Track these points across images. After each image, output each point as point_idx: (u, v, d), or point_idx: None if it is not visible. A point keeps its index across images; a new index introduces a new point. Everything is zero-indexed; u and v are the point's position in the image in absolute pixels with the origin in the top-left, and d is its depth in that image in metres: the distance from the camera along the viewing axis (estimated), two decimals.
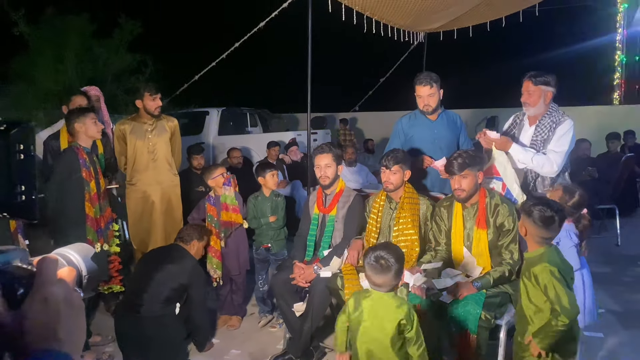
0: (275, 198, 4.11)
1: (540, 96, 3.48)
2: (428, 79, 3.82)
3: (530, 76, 3.51)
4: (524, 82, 3.54)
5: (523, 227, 2.50)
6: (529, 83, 3.50)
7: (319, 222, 3.71)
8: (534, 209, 2.44)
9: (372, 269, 2.42)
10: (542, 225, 2.42)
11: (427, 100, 3.85)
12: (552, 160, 3.43)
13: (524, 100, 3.54)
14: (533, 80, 3.49)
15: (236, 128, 10.42)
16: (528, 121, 3.63)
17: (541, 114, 3.54)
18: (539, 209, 2.43)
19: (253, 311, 4.35)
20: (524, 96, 3.54)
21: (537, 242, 2.47)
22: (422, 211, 3.40)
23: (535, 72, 3.52)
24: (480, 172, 3.16)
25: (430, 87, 3.82)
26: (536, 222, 2.43)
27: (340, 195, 3.68)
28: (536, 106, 3.50)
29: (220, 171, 4.08)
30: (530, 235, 2.48)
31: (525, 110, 3.60)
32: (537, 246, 2.47)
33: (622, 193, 6.78)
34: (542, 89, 3.48)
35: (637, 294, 4.62)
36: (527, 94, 3.52)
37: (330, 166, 3.62)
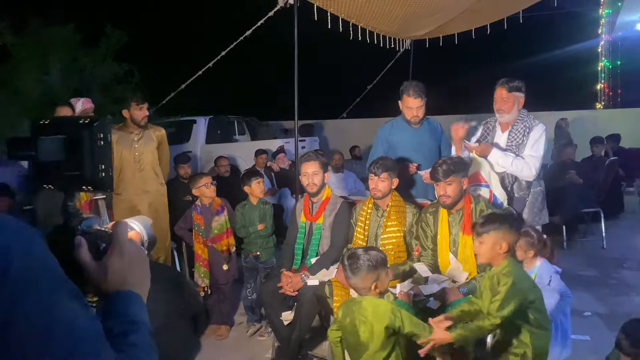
0: (262, 206, 4.11)
1: (514, 103, 3.53)
2: (419, 92, 3.86)
3: (504, 83, 3.55)
4: (496, 89, 3.59)
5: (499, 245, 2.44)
6: (503, 90, 3.55)
7: (306, 230, 3.71)
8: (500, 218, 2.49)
9: (343, 269, 2.46)
10: (515, 228, 2.49)
11: (416, 112, 3.90)
12: (530, 165, 3.48)
13: (498, 107, 3.58)
14: (507, 87, 3.53)
15: (224, 136, 10.41)
16: (500, 127, 3.68)
17: (513, 120, 3.59)
18: (504, 215, 2.54)
19: (241, 320, 4.34)
20: (497, 103, 3.58)
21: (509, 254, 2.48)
22: (408, 219, 3.42)
23: (507, 78, 3.57)
24: (465, 178, 3.19)
25: (421, 100, 3.87)
26: (512, 227, 2.47)
27: (327, 202, 3.69)
28: (510, 113, 3.55)
29: (205, 181, 4.07)
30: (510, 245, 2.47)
31: (499, 117, 3.64)
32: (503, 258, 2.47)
33: (607, 196, 6.87)
34: (515, 95, 3.53)
35: (623, 296, 4.67)
36: (501, 101, 3.56)
37: (317, 174, 3.63)
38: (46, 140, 0.91)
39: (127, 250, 0.93)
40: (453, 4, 6.27)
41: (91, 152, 0.93)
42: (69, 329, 0.69)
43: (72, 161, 0.92)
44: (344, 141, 12.00)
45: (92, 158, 0.94)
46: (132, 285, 0.91)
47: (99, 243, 0.94)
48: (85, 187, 0.96)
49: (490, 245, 2.45)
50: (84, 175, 0.93)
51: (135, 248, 0.96)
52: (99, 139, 0.94)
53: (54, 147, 0.92)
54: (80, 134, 0.93)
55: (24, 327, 0.65)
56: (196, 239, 4.07)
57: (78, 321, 0.71)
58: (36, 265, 0.70)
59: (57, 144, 0.92)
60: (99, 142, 0.94)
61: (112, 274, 0.89)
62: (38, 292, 0.68)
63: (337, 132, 13.37)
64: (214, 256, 4.06)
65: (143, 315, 0.88)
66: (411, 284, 3.16)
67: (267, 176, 7.41)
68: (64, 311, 0.70)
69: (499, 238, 2.44)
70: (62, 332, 0.68)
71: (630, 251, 6.05)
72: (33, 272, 0.68)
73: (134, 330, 0.83)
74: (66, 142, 0.92)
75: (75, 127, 0.93)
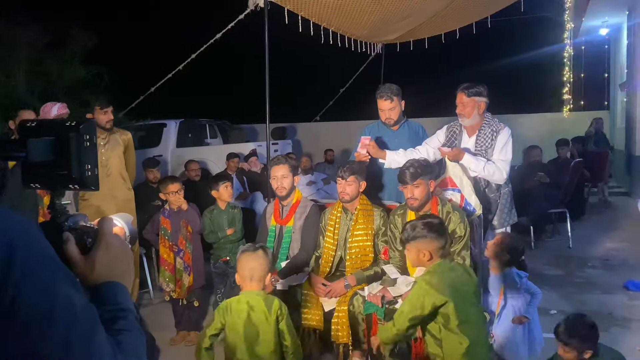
0: (231, 210, 4.08)
1: (474, 107, 3.60)
2: (389, 93, 3.88)
3: (463, 88, 3.63)
4: (457, 94, 3.66)
5: (422, 253, 2.44)
6: (463, 95, 3.62)
7: (276, 234, 3.70)
8: (421, 227, 2.47)
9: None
10: (437, 235, 2.46)
11: (388, 114, 3.93)
12: (501, 169, 3.55)
13: (459, 112, 3.66)
14: (466, 92, 3.60)
15: (195, 140, 10.30)
16: (466, 132, 3.74)
17: (478, 124, 3.65)
18: (426, 223, 2.49)
19: None
20: (458, 108, 3.66)
21: (438, 256, 2.47)
22: (376, 222, 3.44)
23: (467, 84, 3.64)
24: (432, 180, 3.23)
25: (391, 102, 3.90)
26: (434, 235, 2.45)
27: (297, 206, 3.68)
28: (471, 117, 3.62)
29: (172, 188, 4.00)
30: (433, 253, 2.45)
31: (461, 121, 3.71)
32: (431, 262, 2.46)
33: (572, 197, 7.03)
34: (475, 100, 3.60)
35: (588, 294, 4.79)
36: (461, 106, 3.63)
37: (286, 177, 3.63)
38: (36, 142, 0.95)
39: (113, 245, 0.99)
40: (422, 10, 6.36)
41: (78, 152, 0.98)
42: (67, 313, 0.73)
43: (60, 161, 0.97)
44: (317, 144, 12.01)
45: (79, 158, 0.98)
46: (118, 277, 0.96)
47: (85, 238, 0.99)
48: (72, 185, 1.00)
49: (415, 254, 2.48)
50: (71, 174, 0.98)
51: (119, 242, 1.02)
52: (85, 140, 0.99)
53: (43, 148, 0.96)
54: (68, 136, 0.97)
55: (28, 314, 0.69)
56: (162, 242, 4.01)
57: (75, 307, 0.75)
58: (38, 253, 0.74)
59: (47, 145, 0.96)
60: (85, 143, 0.99)
61: (99, 266, 0.95)
62: (41, 279, 0.72)
63: (310, 135, 13.37)
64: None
65: (129, 303, 0.95)
66: (380, 286, 3.18)
67: (239, 180, 7.36)
68: (63, 297, 0.74)
69: (421, 247, 2.45)
70: (61, 317, 0.72)
71: (595, 250, 6.21)
72: (35, 261, 0.73)
73: (123, 316, 0.90)
74: (55, 144, 0.97)
75: (63, 129, 0.98)
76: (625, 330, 4.02)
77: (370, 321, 3.09)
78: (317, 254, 3.57)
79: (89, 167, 1.00)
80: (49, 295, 0.72)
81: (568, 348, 2.37)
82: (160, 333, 4.15)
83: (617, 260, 5.84)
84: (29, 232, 0.75)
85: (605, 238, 6.76)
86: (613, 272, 5.43)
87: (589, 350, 2.34)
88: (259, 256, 2.57)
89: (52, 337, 0.71)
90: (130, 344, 0.86)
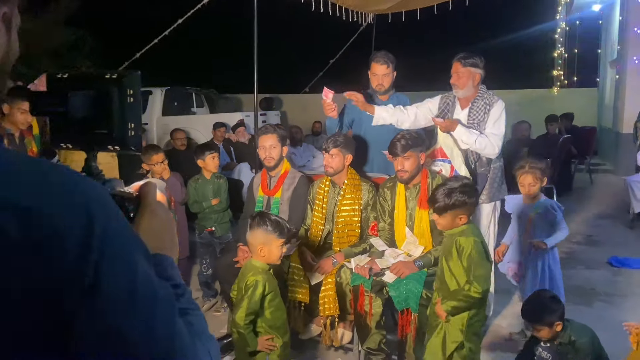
0: (216, 180, 4.00)
1: (469, 78, 3.52)
2: (385, 58, 3.80)
3: (460, 58, 3.54)
4: (453, 63, 3.58)
5: (459, 218, 2.51)
6: (458, 65, 3.54)
7: (263, 205, 3.64)
8: (460, 194, 2.48)
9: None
10: (474, 197, 2.56)
11: (381, 80, 3.84)
12: (493, 143, 3.50)
13: (453, 82, 3.58)
14: (462, 62, 3.52)
15: (181, 108, 10.13)
16: (459, 103, 3.67)
17: (471, 96, 3.59)
18: (462, 187, 2.51)
19: (197, 296, 4.26)
20: (453, 78, 3.58)
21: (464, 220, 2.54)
22: (364, 196, 3.40)
23: (464, 53, 3.56)
24: (423, 153, 3.18)
25: (387, 67, 3.81)
26: (472, 199, 2.52)
27: (285, 177, 3.62)
28: (465, 88, 3.55)
29: (157, 158, 3.89)
30: (469, 215, 2.53)
31: (455, 92, 3.63)
32: (461, 224, 2.53)
33: (559, 173, 7.05)
34: (470, 70, 3.52)
35: (572, 270, 4.83)
36: (456, 76, 3.56)
37: (274, 147, 3.55)
38: (78, 95, 0.86)
39: (158, 213, 0.88)
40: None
41: (121, 109, 0.89)
42: (149, 291, 0.65)
43: (100, 118, 0.88)
44: (305, 116, 11.88)
45: (122, 116, 0.89)
46: (166, 249, 0.86)
47: (127, 205, 0.87)
48: (112, 146, 0.91)
49: (451, 219, 2.53)
50: (112, 133, 0.89)
51: (164, 211, 0.91)
52: (128, 95, 0.89)
53: (84, 103, 0.87)
54: (109, 90, 0.88)
55: (110, 291, 0.61)
56: None
57: (154, 284, 0.67)
58: (115, 224, 0.64)
59: (88, 99, 0.87)
60: (128, 99, 0.89)
61: (146, 237, 0.81)
62: (121, 252, 0.64)
63: (299, 107, 13.21)
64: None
65: (180, 278, 0.85)
66: (367, 258, 3.16)
67: (226, 150, 7.27)
68: (142, 273, 0.66)
69: (459, 213, 2.51)
70: (144, 295, 0.64)
71: (579, 226, 6.26)
72: (114, 231, 0.63)
73: (181, 293, 0.80)
74: (97, 98, 0.88)
75: (104, 83, 0.88)
76: (608, 306, 4.07)
77: (357, 292, 3.07)
78: (305, 226, 3.53)
79: (132, 127, 0.91)
80: (131, 270, 0.64)
81: (539, 326, 2.42)
82: None
83: (601, 237, 5.90)
84: (104, 196, 0.66)
85: (590, 214, 6.82)
86: (597, 248, 5.49)
87: (558, 321, 2.39)
88: (253, 228, 2.54)
89: (135, 316, 0.63)
90: (200, 324, 0.77)
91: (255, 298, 2.43)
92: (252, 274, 2.47)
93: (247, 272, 2.50)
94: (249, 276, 2.46)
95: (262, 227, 2.50)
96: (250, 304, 2.41)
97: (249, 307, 2.41)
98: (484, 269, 2.45)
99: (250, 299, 2.41)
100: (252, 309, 2.42)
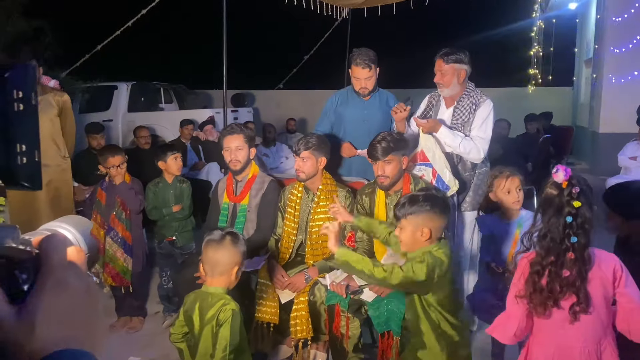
0: (179, 184, 3.63)
1: (453, 75, 3.26)
2: (366, 60, 3.47)
3: (442, 54, 3.27)
4: (436, 61, 3.31)
5: (420, 231, 2.05)
6: (441, 62, 3.27)
7: (229, 212, 3.30)
8: (423, 201, 2.07)
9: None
10: (441, 211, 2.09)
11: (364, 83, 3.53)
12: (479, 147, 3.24)
13: (437, 80, 3.30)
14: (445, 59, 3.25)
15: (148, 104, 9.68)
16: (444, 102, 3.40)
17: (457, 94, 3.32)
18: (429, 195, 2.10)
19: (157, 310, 3.90)
20: (437, 76, 3.31)
21: (437, 237, 2.11)
22: (341, 204, 3.07)
23: (447, 49, 3.29)
24: (405, 157, 2.89)
25: (369, 70, 3.50)
26: (437, 210, 2.08)
27: (253, 181, 3.29)
28: (450, 86, 3.28)
29: (114, 161, 3.48)
30: (433, 232, 2.08)
31: (440, 91, 3.37)
32: (430, 242, 2.09)
33: (539, 174, 6.88)
34: (455, 67, 3.25)
35: None
36: (439, 74, 3.29)
37: (241, 149, 3.22)
38: None
39: (67, 283, 0.57)
40: None
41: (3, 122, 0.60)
42: None
43: None
44: (278, 113, 11.54)
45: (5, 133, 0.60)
46: (78, 340, 0.55)
47: (17, 275, 0.55)
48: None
49: (410, 232, 2.08)
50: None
51: (79, 278, 0.59)
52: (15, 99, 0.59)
53: None
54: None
55: None
56: (94, 217, 3.52)
57: None
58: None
59: None
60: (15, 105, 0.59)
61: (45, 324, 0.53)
62: None
63: (272, 104, 12.86)
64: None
65: None
66: (344, 274, 2.85)
67: (194, 149, 6.89)
68: None
69: (421, 224, 2.06)
70: None
71: None
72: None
73: None
74: None
75: None
76: None
77: (333, 313, 2.76)
78: (275, 236, 3.20)
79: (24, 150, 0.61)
80: None
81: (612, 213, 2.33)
82: None
83: None
84: None
85: None
86: None
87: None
88: (225, 246, 2.12)
89: None
90: None
91: (236, 330, 2.02)
92: (222, 303, 2.05)
93: (209, 304, 2.07)
94: (220, 306, 2.03)
95: (240, 248, 2.12)
96: (232, 339, 1.99)
97: (231, 343, 1.99)
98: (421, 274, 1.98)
99: (232, 333, 2.00)
100: (234, 344, 2.00)
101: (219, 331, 2.00)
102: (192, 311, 2.13)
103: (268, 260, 3.03)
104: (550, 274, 1.77)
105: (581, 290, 1.73)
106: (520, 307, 1.84)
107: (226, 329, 1.99)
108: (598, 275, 1.77)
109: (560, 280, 1.75)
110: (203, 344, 2.04)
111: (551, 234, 1.78)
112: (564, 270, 1.76)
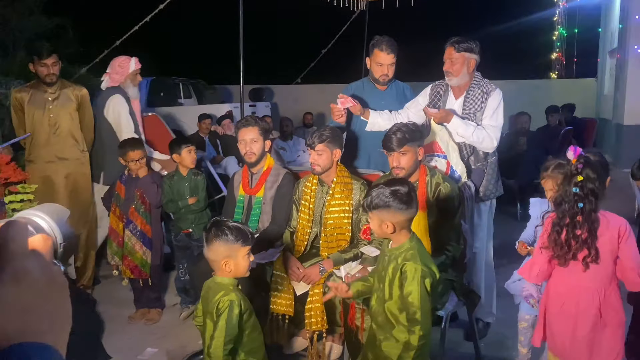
0: (193, 177, 3.65)
1: (463, 64, 3.19)
2: (393, 47, 3.44)
3: (453, 42, 3.21)
4: (446, 49, 3.24)
5: (385, 224, 2.09)
6: (452, 50, 3.20)
7: (244, 205, 3.31)
8: (387, 196, 2.08)
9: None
10: (405, 206, 2.08)
11: (387, 70, 3.50)
12: (491, 136, 3.19)
13: (447, 69, 3.24)
14: (456, 47, 3.19)
15: (167, 99, 9.77)
16: (453, 92, 3.34)
17: (466, 84, 3.26)
18: (393, 191, 2.08)
19: (175, 302, 3.94)
20: (446, 65, 3.24)
21: (404, 231, 2.12)
22: (355, 196, 3.06)
23: (457, 37, 3.23)
24: (421, 148, 2.85)
25: (393, 56, 3.47)
26: (400, 206, 2.07)
27: (268, 174, 3.29)
28: (460, 75, 3.22)
29: (134, 155, 3.52)
30: (397, 225, 2.09)
31: (448, 80, 3.30)
32: (403, 236, 2.13)
33: None
34: (465, 56, 3.18)
35: None
36: (449, 62, 3.22)
37: (256, 141, 3.22)
38: None
39: (27, 273, 0.54)
40: None
41: None
42: None
43: None
44: (296, 108, 11.53)
45: None
46: (40, 332, 0.52)
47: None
48: None
49: (377, 224, 2.14)
50: None
51: (42, 266, 0.56)
52: None
53: None
54: None
55: None
56: (113, 210, 3.56)
57: None
58: None
59: None
60: None
61: (1, 316, 0.51)
62: None
63: (290, 98, 12.85)
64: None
65: None
66: (359, 266, 2.83)
67: (212, 143, 6.95)
68: None
69: (385, 218, 2.10)
70: None
71: None
72: None
73: None
74: None
75: None
76: None
77: (348, 305, 2.75)
78: (290, 229, 3.19)
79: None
80: None
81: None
82: (119, 310, 3.81)
83: None
84: None
85: None
86: None
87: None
88: (210, 241, 2.19)
89: None
90: None
91: (233, 322, 2.06)
92: (222, 294, 2.10)
93: (214, 293, 2.14)
94: (219, 297, 2.09)
95: (222, 239, 2.14)
96: (228, 330, 2.04)
97: (227, 333, 2.04)
98: (426, 308, 2.06)
99: (228, 324, 2.04)
100: (231, 335, 2.05)
101: (218, 321, 2.03)
102: (202, 299, 2.20)
103: (283, 252, 3.02)
104: (567, 232, 2.15)
105: (592, 246, 2.11)
106: (543, 256, 2.25)
107: (223, 319, 2.02)
108: (607, 234, 2.14)
109: (575, 238, 2.13)
110: (206, 333, 2.07)
111: (565, 200, 2.17)
112: (576, 230, 2.13)
